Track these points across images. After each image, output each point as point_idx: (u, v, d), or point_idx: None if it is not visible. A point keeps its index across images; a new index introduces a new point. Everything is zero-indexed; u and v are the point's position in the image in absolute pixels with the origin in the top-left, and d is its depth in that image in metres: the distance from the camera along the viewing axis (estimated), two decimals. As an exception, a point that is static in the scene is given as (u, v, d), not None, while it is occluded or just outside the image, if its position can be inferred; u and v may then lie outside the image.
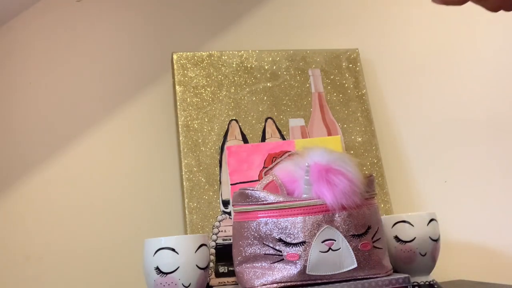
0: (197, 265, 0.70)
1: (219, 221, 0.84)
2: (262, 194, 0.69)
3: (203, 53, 1.03)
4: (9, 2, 1.00)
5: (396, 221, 0.80)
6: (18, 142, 0.98)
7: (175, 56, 1.02)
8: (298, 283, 0.66)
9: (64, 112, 1.01)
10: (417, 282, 0.79)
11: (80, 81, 1.04)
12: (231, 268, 0.88)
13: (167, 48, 1.08)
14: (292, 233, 0.66)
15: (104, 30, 1.08)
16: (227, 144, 0.97)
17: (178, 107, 0.98)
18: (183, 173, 0.94)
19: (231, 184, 0.87)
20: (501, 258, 1.12)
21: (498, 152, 1.18)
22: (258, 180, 0.87)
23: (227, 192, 0.94)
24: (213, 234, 0.84)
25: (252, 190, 0.69)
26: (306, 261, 0.65)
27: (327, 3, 1.21)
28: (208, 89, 1.01)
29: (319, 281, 0.66)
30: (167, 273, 0.68)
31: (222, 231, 0.90)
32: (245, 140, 0.98)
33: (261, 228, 0.68)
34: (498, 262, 1.11)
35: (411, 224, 0.79)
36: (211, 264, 0.81)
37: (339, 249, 0.66)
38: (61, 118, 1.01)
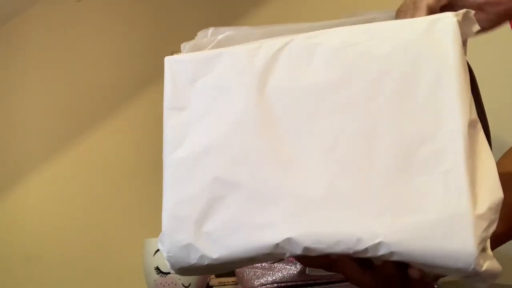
0: (197, 265, 0.70)
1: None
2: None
3: (203, 53, 1.03)
4: (9, 2, 1.00)
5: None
6: (17, 142, 0.99)
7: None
8: (298, 283, 0.66)
9: (64, 112, 1.01)
10: (417, 282, 0.78)
11: (80, 81, 1.04)
12: (231, 268, 0.88)
13: (167, 47, 1.08)
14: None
15: (104, 30, 1.07)
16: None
17: (178, 107, 0.98)
18: (183, 173, 0.94)
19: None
20: (501, 258, 1.12)
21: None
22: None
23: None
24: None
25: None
26: (306, 261, 0.65)
27: (329, 4, 1.21)
28: (208, 89, 1.01)
29: (319, 281, 0.66)
30: (167, 273, 0.68)
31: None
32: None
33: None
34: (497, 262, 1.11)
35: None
36: (211, 264, 0.81)
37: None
38: (61, 118, 1.01)
